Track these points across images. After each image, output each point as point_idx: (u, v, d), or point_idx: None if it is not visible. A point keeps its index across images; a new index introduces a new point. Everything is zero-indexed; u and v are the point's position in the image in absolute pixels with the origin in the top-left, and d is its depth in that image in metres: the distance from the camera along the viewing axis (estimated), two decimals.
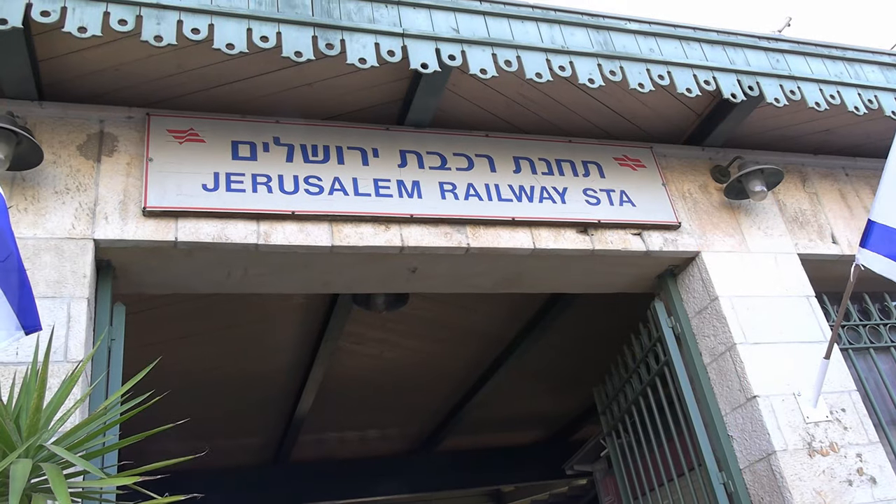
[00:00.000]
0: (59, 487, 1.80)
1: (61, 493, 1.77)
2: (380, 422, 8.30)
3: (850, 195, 4.95)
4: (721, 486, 3.89)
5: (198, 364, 6.08)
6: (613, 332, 5.06)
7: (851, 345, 4.44)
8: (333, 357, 6.26)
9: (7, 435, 1.98)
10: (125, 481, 1.94)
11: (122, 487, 2.13)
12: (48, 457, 2.03)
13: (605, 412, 5.19)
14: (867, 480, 3.73)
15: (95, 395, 3.07)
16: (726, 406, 3.99)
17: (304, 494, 8.87)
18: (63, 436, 2.13)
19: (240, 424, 7.56)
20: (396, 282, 4.11)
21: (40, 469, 1.97)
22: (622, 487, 4.99)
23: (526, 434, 9.41)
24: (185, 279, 3.72)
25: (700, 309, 4.21)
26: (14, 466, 1.84)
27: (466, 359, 6.89)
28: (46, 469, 1.89)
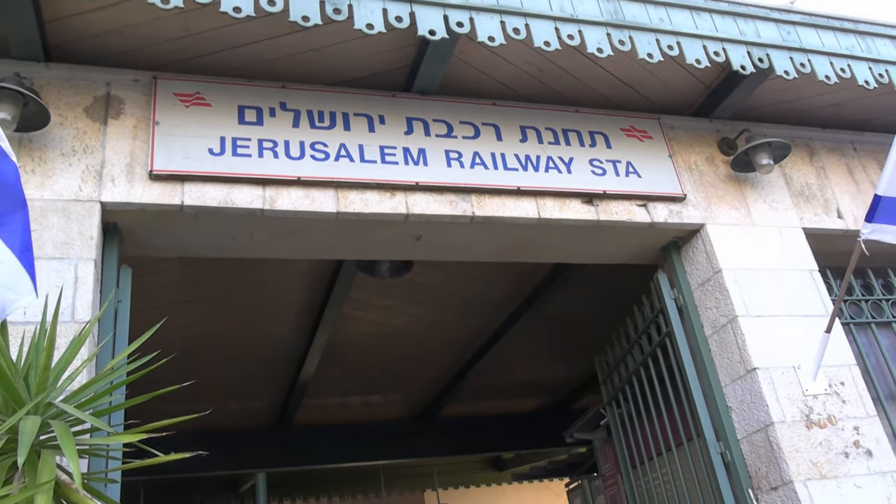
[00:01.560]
0: (67, 443, 1.84)
1: (69, 449, 1.81)
2: (382, 387, 8.38)
3: (858, 170, 4.93)
4: (718, 455, 3.93)
5: (203, 328, 6.13)
6: (616, 302, 5.08)
7: (853, 319, 4.46)
8: (337, 323, 6.31)
9: (16, 392, 2.02)
10: (131, 438, 1.98)
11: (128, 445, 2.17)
12: (56, 414, 2.07)
13: (605, 382, 5.23)
14: (863, 453, 3.77)
15: (102, 355, 3.11)
16: (726, 377, 4.03)
17: (307, 457, 9.00)
18: (71, 394, 2.17)
19: (244, 388, 7.64)
20: (401, 249, 4.13)
21: (48, 426, 2.01)
22: (621, 456, 5.05)
23: (527, 402, 9.49)
24: (190, 243, 3.75)
25: (703, 281, 4.22)
26: (23, 422, 1.88)
27: (469, 327, 6.93)
28: (55, 426, 1.93)
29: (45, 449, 2.02)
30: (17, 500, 1.80)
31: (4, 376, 2.00)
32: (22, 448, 1.80)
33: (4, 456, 1.97)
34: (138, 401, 2.18)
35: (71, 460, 1.81)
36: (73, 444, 1.83)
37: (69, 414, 2.07)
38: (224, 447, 8.37)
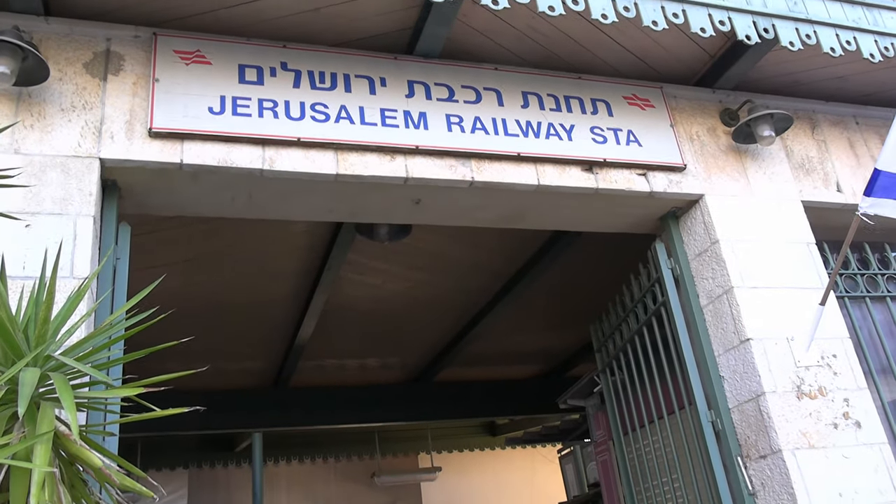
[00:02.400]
0: (65, 395, 1.86)
1: (68, 401, 1.84)
2: (379, 351, 8.44)
3: (859, 144, 4.92)
4: (709, 424, 3.98)
5: (201, 288, 6.16)
6: (614, 272, 5.10)
7: (848, 293, 4.48)
8: (335, 286, 6.33)
9: (16, 344, 2.04)
10: (129, 392, 2.01)
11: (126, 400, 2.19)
12: (55, 367, 2.09)
13: (600, 349, 5.27)
14: (852, 424, 3.81)
15: (101, 311, 3.13)
16: (720, 347, 4.06)
17: (303, 418, 9.10)
18: (69, 348, 2.18)
19: (241, 348, 7.69)
20: (400, 212, 4.13)
21: (48, 378, 2.04)
22: (613, 423, 5.10)
23: (522, 369, 9.58)
24: (189, 202, 3.74)
25: (700, 251, 4.24)
26: (23, 374, 1.90)
27: (467, 292, 6.96)
28: (54, 378, 1.95)
29: (44, 401, 2.04)
30: (16, 449, 1.83)
31: (4, 328, 2.02)
32: (22, 399, 1.82)
33: (4, 407, 2.00)
34: (136, 356, 2.20)
35: (69, 412, 1.83)
36: (72, 396, 1.85)
37: (68, 367, 2.09)
38: (221, 407, 8.47)
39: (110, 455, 2.07)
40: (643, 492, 4.72)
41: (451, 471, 12.13)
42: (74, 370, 2.10)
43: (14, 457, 1.81)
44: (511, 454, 12.57)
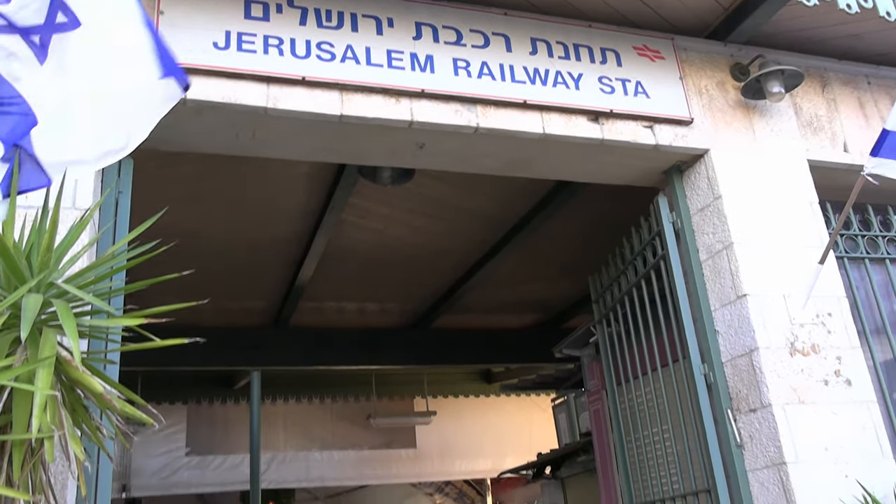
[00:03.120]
0: (67, 321, 1.88)
1: (70, 327, 1.86)
2: (378, 295, 8.50)
3: (869, 104, 4.87)
4: (702, 376, 4.04)
5: (202, 226, 6.17)
6: (615, 224, 5.11)
7: (847, 253, 4.50)
8: (337, 229, 6.34)
9: (19, 270, 2.06)
10: (130, 322, 2.03)
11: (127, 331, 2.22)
12: (58, 294, 2.11)
13: (598, 301, 5.31)
14: (843, 382, 3.87)
15: (103, 243, 3.15)
16: (716, 302, 4.09)
17: (301, 358, 9.21)
18: (72, 276, 2.21)
19: (242, 287, 7.74)
20: (403, 156, 4.12)
21: (50, 305, 2.06)
22: (607, 373, 5.16)
23: (519, 318, 9.65)
24: (192, 138, 3.73)
25: (702, 206, 4.24)
26: (26, 299, 1.92)
27: (467, 240, 6.98)
28: (56, 304, 1.97)
29: (46, 327, 2.07)
30: (18, 372, 1.86)
31: (7, 253, 2.04)
32: (24, 323, 1.85)
33: (7, 331, 2.02)
34: (138, 286, 2.22)
35: (71, 338, 1.86)
36: (74, 322, 1.87)
37: (70, 295, 2.11)
38: (220, 344, 8.56)
39: (111, 382, 2.10)
40: (633, 441, 4.81)
41: (446, 415, 12.33)
42: (76, 298, 2.12)
43: (17, 379, 1.85)
44: (505, 402, 12.75)
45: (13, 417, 1.93)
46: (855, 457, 3.70)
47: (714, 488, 3.85)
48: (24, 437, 1.86)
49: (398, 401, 12.27)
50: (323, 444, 12.40)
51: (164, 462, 11.51)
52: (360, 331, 9.29)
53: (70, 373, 2.01)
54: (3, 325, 1.98)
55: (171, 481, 11.63)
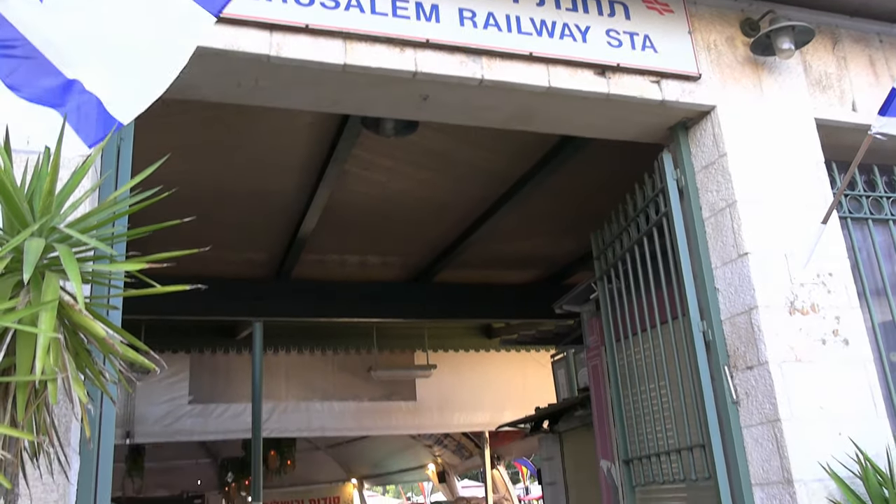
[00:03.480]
0: (70, 265, 1.89)
1: (73, 271, 1.87)
2: (380, 248, 8.51)
3: (880, 63, 4.81)
4: (700, 334, 4.06)
5: (206, 176, 6.15)
6: (619, 181, 5.08)
7: (851, 214, 4.48)
8: (339, 181, 6.32)
9: (21, 214, 2.06)
10: (133, 267, 2.03)
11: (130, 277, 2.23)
12: (60, 239, 2.11)
13: (599, 257, 5.31)
14: (840, 341, 3.89)
15: (105, 190, 3.14)
16: (717, 260, 4.09)
17: (303, 310, 9.26)
18: (74, 221, 2.20)
19: (244, 238, 7.75)
20: (407, 108, 4.08)
21: (52, 249, 2.06)
22: (606, 329, 5.20)
23: (521, 274, 9.67)
24: (195, 85, 3.69)
25: (707, 164, 4.21)
26: (28, 242, 1.92)
27: (470, 194, 6.96)
28: (58, 249, 1.97)
29: (48, 271, 2.08)
30: (21, 315, 1.87)
31: (9, 197, 2.03)
32: (27, 266, 1.85)
33: (10, 275, 2.03)
34: (140, 231, 2.22)
35: (74, 282, 1.86)
36: (77, 266, 1.88)
37: (72, 239, 2.11)
38: (223, 295, 8.61)
39: (113, 327, 2.11)
40: (630, 396, 4.86)
41: (446, 369, 12.45)
42: (78, 244, 2.13)
43: (20, 322, 1.86)
44: (505, 357, 12.86)
45: (17, 360, 1.94)
46: (849, 415, 3.74)
47: (708, 443, 3.90)
48: (27, 378, 1.88)
49: (399, 354, 12.39)
50: (324, 394, 12.56)
51: (167, 410, 11.67)
52: (361, 284, 9.32)
53: (73, 317, 2.02)
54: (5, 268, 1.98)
55: (174, 428, 11.81)
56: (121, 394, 10.87)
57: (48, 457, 2.22)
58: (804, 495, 3.50)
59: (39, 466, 2.28)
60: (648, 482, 4.58)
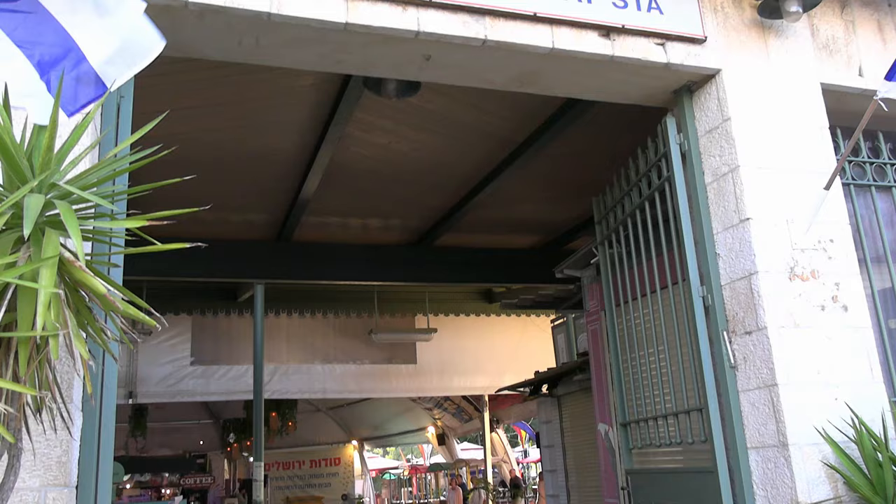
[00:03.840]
0: (70, 222, 1.88)
1: (73, 227, 1.86)
2: (382, 212, 8.51)
3: (888, 28, 4.74)
4: (700, 299, 4.07)
5: (205, 137, 6.12)
6: (621, 146, 5.06)
7: (854, 181, 4.46)
8: (341, 143, 6.30)
9: (20, 170, 2.05)
10: (134, 224, 2.03)
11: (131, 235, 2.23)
12: (60, 195, 2.10)
13: (600, 222, 5.30)
14: (839, 308, 3.89)
15: (105, 147, 3.13)
16: (719, 225, 4.09)
17: (304, 273, 9.29)
18: (74, 178, 2.20)
19: (244, 200, 7.75)
20: (409, 68, 4.04)
21: (52, 206, 2.06)
22: (606, 294, 5.21)
23: (522, 238, 9.67)
24: (195, 44, 3.66)
25: (711, 128, 4.18)
26: (28, 198, 1.92)
27: (472, 158, 6.93)
28: (58, 205, 1.97)
29: (49, 228, 2.08)
30: (22, 270, 1.87)
31: (8, 153, 2.02)
32: (27, 222, 1.85)
33: (10, 231, 2.03)
34: (141, 189, 2.21)
35: (74, 238, 1.86)
36: (77, 223, 1.87)
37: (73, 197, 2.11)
38: (224, 256, 8.63)
39: (114, 284, 2.12)
40: (629, 361, 4.89)
41: (446, 333, 12.52)
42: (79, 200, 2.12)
43: (21, 278, 1.86)
44: (505, 322, 12.93)
45: (18, 315, 1.95)
46: (846, 381, 3.77)
47: (706, 407, 3.93)
48: (28, 334, 1.89)
49: (399, 317, 12.45)
50: (325, 357, 12.66)
51: (169, 371, 11.78)
52: (362, 247, 9.34)
53: (73, 273, 2.03)
54: (5, 224, 1.98)
55: (176, 389, 11.93)
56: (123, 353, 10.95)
57: (51, 413, 2.25)
58: (799, 459, 3.54)
59: (42, 422, 2.31)
60: (645, 445, 4.63)
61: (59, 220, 2.03)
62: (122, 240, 2.38)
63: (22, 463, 2.10)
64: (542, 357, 10.72)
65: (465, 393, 17.15)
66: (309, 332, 12.52)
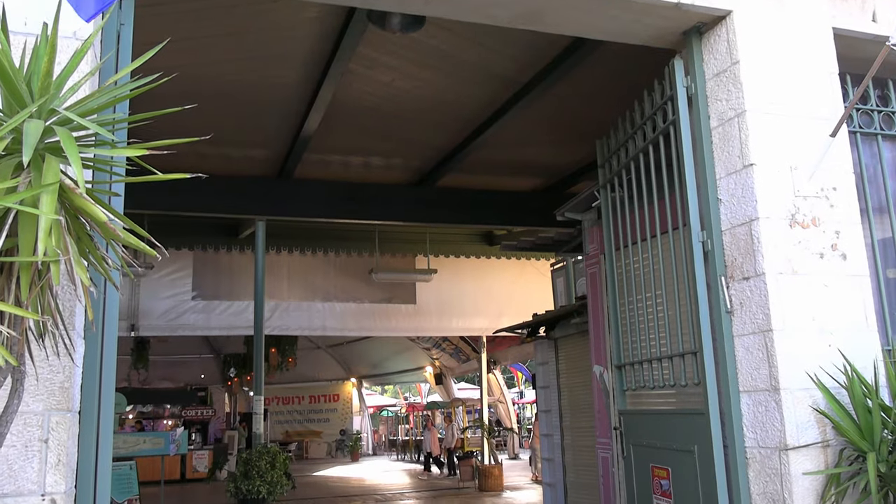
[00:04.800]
0: (70, 148, 1.87)
1: (73, 154, 1.86)
2: (384, 150, 8.46)
3: None
4: (700, 244, 4.07)
5: (207, 69, 6.05)
6: (627, 89, 4.99)
7: (861, 129, 4.42)
8: (343, 79, 6.22)
9: (19, 94, 2.03)
10: (134, 153, 2.02)
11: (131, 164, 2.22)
12: (60, 122, 2.09)
13: (603, 165, 5.28)
14: (838, 256, 3.90)
15: (104, 75, 3.09)
16: (722, 171, 4.06)
17: (305, 210, 9.29)
18: (73, 104, 2.18)
19: (246, 135, 7.69)
20: (414, 1, 3.96)
21: (52, 133, 2.05)
22: (607, 237, 5.21)
23: (524, 181, 9.64)
24: None
25: (719, 71, 4.12)
26: (27, 124, 1.90)
27: (477, 98, 6.86)
28: (58, 132, 1.96)
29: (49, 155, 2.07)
30: (23, 196, 1.87)
31: (7, 78, 2.00)
32: (26, 148, 1.84)
33: (9, 157, 2.02)
34: (141, 117, 2.19)
35: (74, 165, 1.85)
36: (76, 149, 1.86)
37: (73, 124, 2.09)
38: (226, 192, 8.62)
39: (115, 213, 2.12)
40: (626, 304, 4.92)
41: (446, 274, 12.60)
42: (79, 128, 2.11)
43: (21, 203, 1.86)
44: (505, 264, 12.98)
45: (19, 241, 1.96)
46: (841, 328, 3.80)
47: (700, 350, 3.98)
48: (29, 259, 1.90)
49: (400, 257, 12.51)
50: (325, 295, 12.77)
51: (170, 305, 11.90)
52: (364, 185, 9.31)
53: (74, 200, 2.03)
54: (5, 150, 1.97)
55: (177, 323, 12.07)
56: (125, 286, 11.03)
57: (53, 339, 2.27)
58: (789, 403, 3.60)
59: (45, 348, 2.34)
60: (639, 387, 4.69)
61: (59, 146, 2.02)
62: (123, 169, 2.37)
63: (25, 387, 2.13)
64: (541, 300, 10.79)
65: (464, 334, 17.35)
66: (309, 269, 12.60)
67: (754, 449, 3.74)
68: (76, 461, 2.78)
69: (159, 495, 11.53)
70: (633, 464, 4.70)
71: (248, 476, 9.32)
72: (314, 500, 12.78)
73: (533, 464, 15.83)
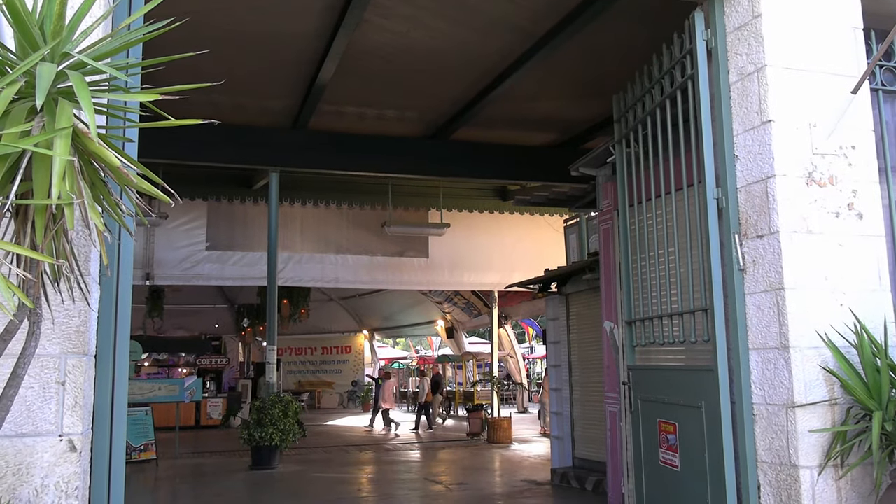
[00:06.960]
0: (83, 93, 1.87)
1: (85, 99, 1.85)
2: (398, 103, 8.39)
3: None
4: (714, 201, 4.04)
5: (221, 17, 5.98)
6: (645, 45, 4.90)
7: (884, 86, 4.33)
8: (358, 29, 6.15)
9: (32, 37, 2.02)
10: (147, 97, 2.02)
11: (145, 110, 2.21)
12: (74, 66, 2.08)
13: (619, 120, 5.21)
14: (854, 215, 3.86)
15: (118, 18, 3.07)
16: (739, 127, 4.01)
17: (319, 162, 9.28)
18: (86, 48, 2.17)
19: (260, 85, 7.64)
20: None
21: (65, 77, 2.04)
22: (621, 193, 5.18)
23: (539, 136, 9.56)
24: None
25: (740, 25, 4.04)
26: (40, 67, 1.90)
27: (492, 50, 6.76)
28: (71, 76, 1.95)
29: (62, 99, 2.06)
30: (37, 140, 1.88)
31: (20, 20, 1.99)
32: (39, 91, 1.84)
33: (23, 101, 2.02)
34: (154, 62, 2.18)
35: (87, 110, 1.85)
36: (89, 94, 1.86)
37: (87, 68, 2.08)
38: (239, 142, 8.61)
39: (129, 159, 2.13)
40: (638, 261, 4.91)
41: (459, 228, 12.59)
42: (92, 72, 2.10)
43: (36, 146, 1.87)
44: (518, 219, 12.95)
45: (34, 184, 1.97)
46: (853, 288, 3.78)
47: (711, 308, 3.97)
48: (44, 202, 1.91)
49: (413, 211, 12.49)
50: (338, 248, 12.81)
51: (185, 254, 11.99)
52: (378, 138, 9.27)
53: (87, 145, 2.03)
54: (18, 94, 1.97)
55: (192, 273, 12.18)
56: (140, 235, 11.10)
57: (69, 283, 2.30)
58: (799, 361, 3.61)
59: (61, 292, 2.37)
60: (649, 343, 4.71)
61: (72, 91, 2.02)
62: (137, 115, 2.37)
63: (42, 331, 2.17)
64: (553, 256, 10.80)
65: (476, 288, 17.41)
66: (323, 222, 12.63)
67: (761, 406, 3.76)
68: (92, 404, 2.83)
69: (174, 440, 11.77)
70: (640, 418, 4.74)
71: (261, 424, 9.49)
72: (325, 448, 13.02)
73: (542, 418, 16.01)
